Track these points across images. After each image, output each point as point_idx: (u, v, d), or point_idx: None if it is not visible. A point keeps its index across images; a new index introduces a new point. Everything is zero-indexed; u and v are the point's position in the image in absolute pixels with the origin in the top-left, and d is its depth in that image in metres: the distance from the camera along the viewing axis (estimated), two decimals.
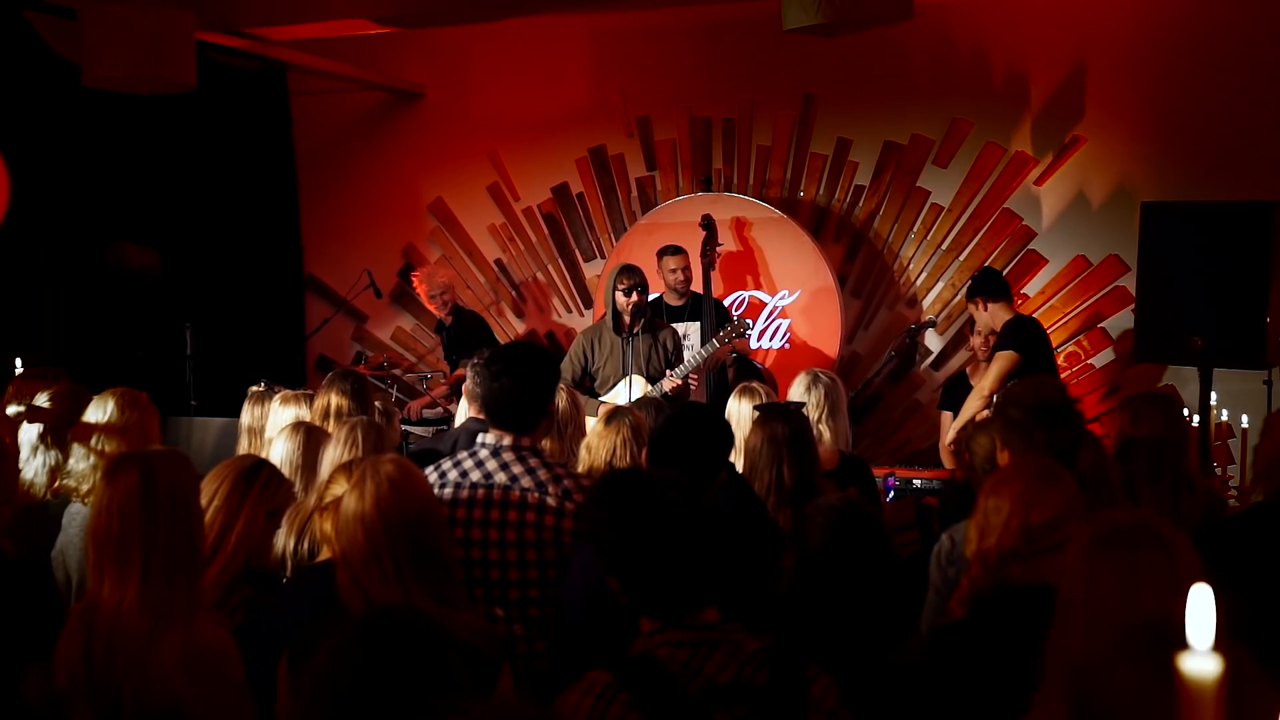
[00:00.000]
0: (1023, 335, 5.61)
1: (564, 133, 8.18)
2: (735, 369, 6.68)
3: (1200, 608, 0.79)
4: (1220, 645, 0.81)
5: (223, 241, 8.08)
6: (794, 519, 3.17)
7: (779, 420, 3.41)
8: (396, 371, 7.78)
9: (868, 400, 7.67)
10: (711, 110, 7.90)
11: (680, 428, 3.16)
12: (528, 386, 3.26)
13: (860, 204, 7.66)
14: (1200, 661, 0.76)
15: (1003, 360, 5.50)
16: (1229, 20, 6.79)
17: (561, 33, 8.12)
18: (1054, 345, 7.12)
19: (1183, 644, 1.40)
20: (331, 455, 3.46)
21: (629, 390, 5.78)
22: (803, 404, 3.91)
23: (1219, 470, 5.47)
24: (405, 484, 2.58)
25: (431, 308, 7.49)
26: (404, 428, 6.86)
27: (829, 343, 7.37)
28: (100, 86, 5.98)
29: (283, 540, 3.35)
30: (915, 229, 7.57)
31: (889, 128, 7.55)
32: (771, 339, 7.49)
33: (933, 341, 7.60)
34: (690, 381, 6.11)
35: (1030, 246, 7.28)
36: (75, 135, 7.16)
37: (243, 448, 4.69)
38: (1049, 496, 2.31)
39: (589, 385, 6.16)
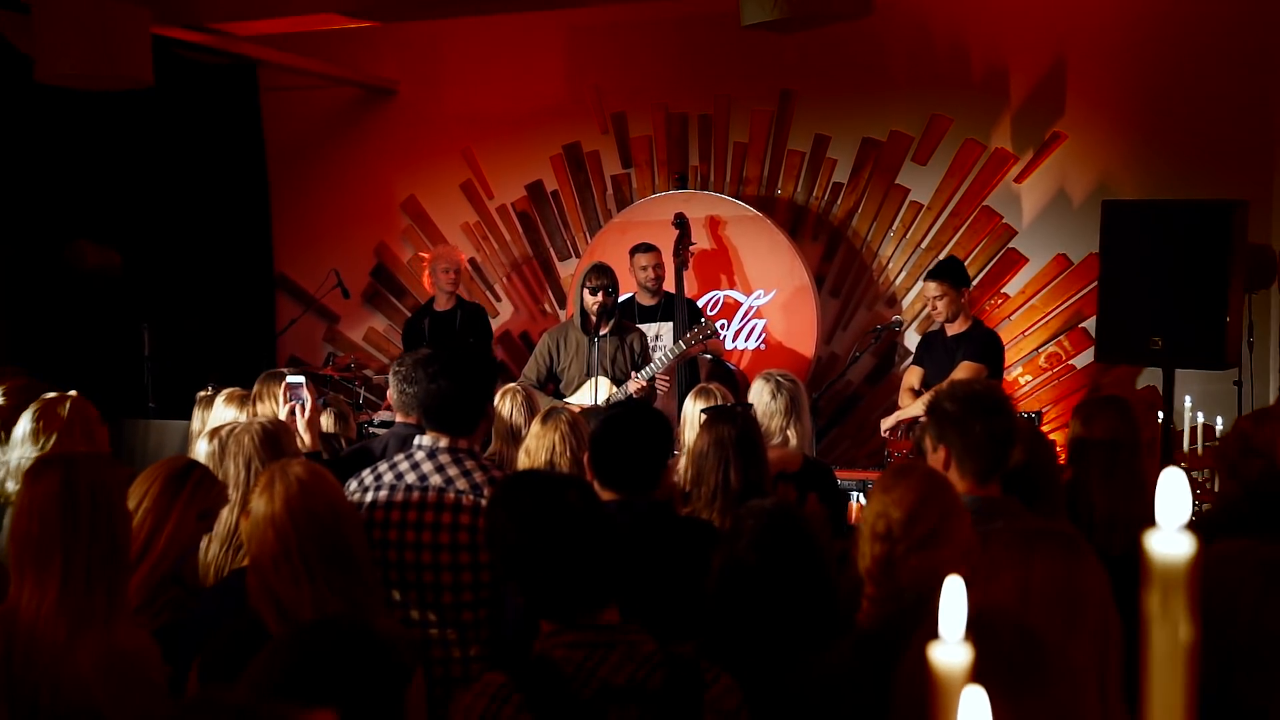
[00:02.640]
0: (996, 354, 5.81)
1: (538, 129, 8.06)
2: (709, 371, 6.57)
3: (952, 597, 0.76)
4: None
5: (191, 240, 7.95)
6: None
7: (725, 423, 3.33)
8: (367, 372, 7.66)
9: (846, 401, 7.56)
10: (688, 106, 7.79)
11: (618, 429, 3.10)
12: (465, 387, 3.25)
13: (838, 202, 7.55)
14: (950, 651, 0.73)
15: (972, 372, 5.57)
16: (1211, 15, 6.67)
17: (536, 28, 8.00)
18: (1035, 345, 7.08)
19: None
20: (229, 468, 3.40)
21: (594, 392, 5.68)
22: (750, 405, 3.81)
23: (1195, 473, 5.36)
24: (315, 485, 2.57)
25: (430, 281, 7.19)
26: (374, 430, 6.74)
27: (805, 343, 7.25)
28: (54, 83, 5.86)
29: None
30: (894, 227, 7.45)
31: (867, 124, 7.44)
32: (747, 339, 7.37)
33: (912, 342, 7.47)
34: (660, 384, 6.01)
35: (1010, 245, 7.17)
36: (37, 132, 7.03)
37: None
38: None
39: (554, 387, 6.06)
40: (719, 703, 2.03)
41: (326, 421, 4.60)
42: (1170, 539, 0.64)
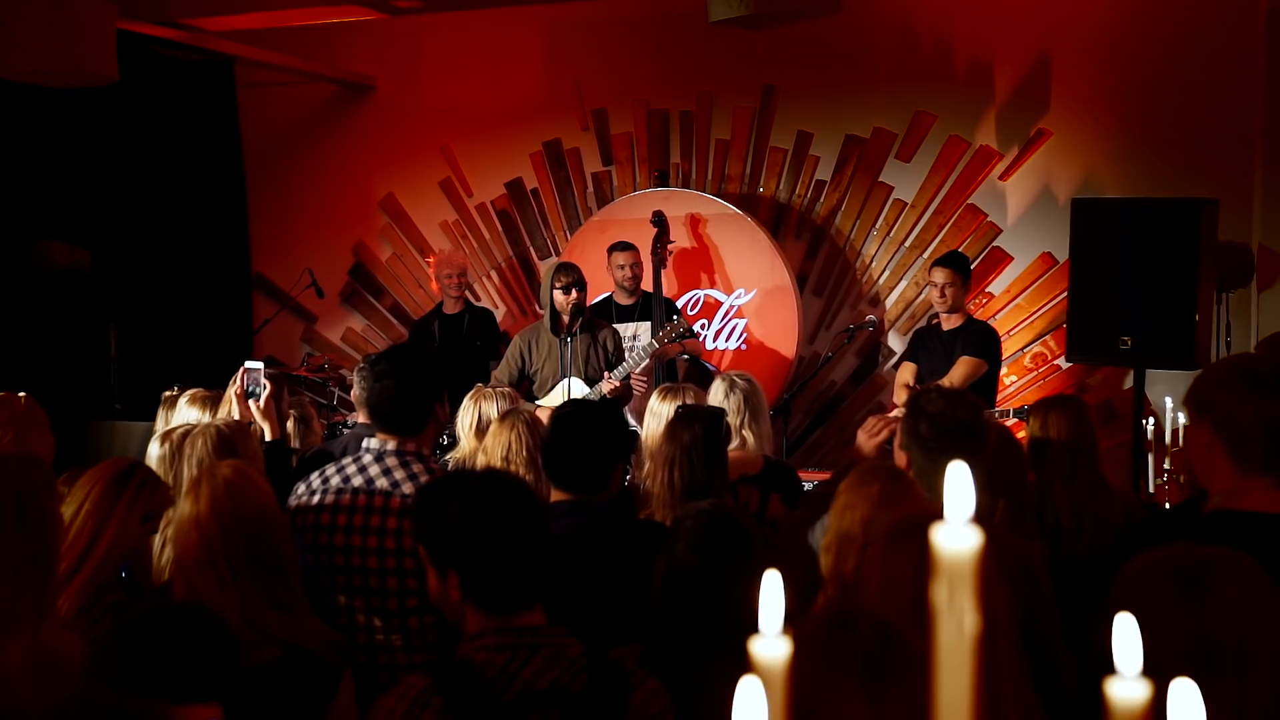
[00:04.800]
0: (994, 347, 5.81)
1: (518, 126, 7.96)
2: (686, 372, 6.48)
3: (771, 594, 0.76)
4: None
5: (166, 240, 7.84)
6: None
7: (683, 426, 3.28)
8: (343, 372, 7.55)
9: (830, 402, 7.47)
10: (669, 103, 7.70)
11: (569, 428, 3.03)
12: (412, 387, 3.20)
13: (821, 200, 7.46)
14: (769, 645, 0.74)
15: (973, 367, 5.60)
16: (1194, 10, 6.59)
17: (515, 23, 7.90)
18: (1021, 345, 6.99)
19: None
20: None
21: (567, 392, 5.59)
22: (722, 409, 3.74)
23: (1182, 477, 5.23)
24: (242, 488, 2.55)
25: (438, 287, 7.16)
26: (346, 430, 6.64)
27: (787, 343, 7.15)
28: (18, 79, 5.77)
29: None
30: (878, 225, 7.36)
31: (850, 121, 7.34)
32: (727, 340, 7.27)
33: (893, 341, 7.39)
34: (637, 385, 5.93)
35: (995, 243, 7.08)
36: (3, 128, 6.92)
37: None
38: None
39: (527, 388, 5.97)
40: (644, 706, 2.00)
41: (288, 426, 4.49)
42: (956, 532, 0.63)
